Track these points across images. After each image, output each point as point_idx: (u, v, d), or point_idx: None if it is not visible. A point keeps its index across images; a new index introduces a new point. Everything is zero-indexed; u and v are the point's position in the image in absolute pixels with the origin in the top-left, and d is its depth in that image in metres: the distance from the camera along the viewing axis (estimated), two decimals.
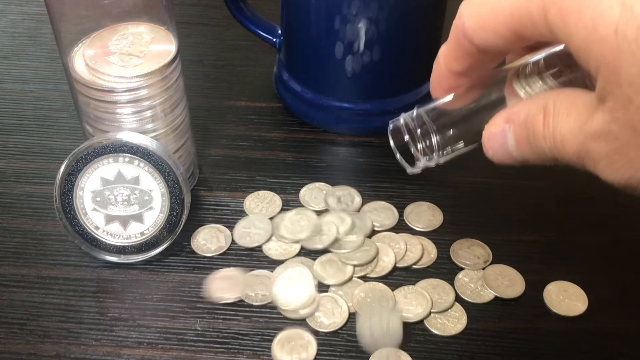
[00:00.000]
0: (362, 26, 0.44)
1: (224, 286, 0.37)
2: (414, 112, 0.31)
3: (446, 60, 0.27)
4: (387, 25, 0.44)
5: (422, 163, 0.31)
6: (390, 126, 0.32)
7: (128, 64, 0.38)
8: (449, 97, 0.29)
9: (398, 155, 0.32)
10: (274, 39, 0.51)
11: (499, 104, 0.28)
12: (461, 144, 0.30)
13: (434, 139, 0.30)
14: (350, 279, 0.39)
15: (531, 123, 0.25)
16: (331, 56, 0.46)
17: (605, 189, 0.46)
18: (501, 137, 0.26)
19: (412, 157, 0.31)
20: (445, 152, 0.30)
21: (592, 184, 0.45)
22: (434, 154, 0.30)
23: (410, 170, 0.32)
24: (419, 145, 0.30)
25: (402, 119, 0.31)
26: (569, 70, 0.26)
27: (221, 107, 0.52)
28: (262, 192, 0.44)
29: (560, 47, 0.26)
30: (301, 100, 0.49)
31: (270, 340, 0.36)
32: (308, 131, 0.50)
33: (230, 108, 0.52)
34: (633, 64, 0.20)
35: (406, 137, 0.31)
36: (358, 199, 0.44)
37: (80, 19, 0.39)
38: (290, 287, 0.38)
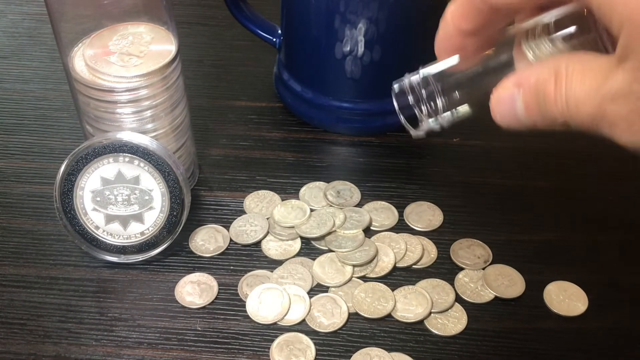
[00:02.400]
0: (362, 26, 0.44)
1: None
2: (419, 72, 0.30)
3: (454, 18, 0.27)
4: (387, 25, 0.44)
5: (426, 126, 0.30)
6: (394, 87, 0.31)
7: (128, 64, 0.38)
8: (455, 58, 0.29)
9: (402, 118, 0.31)
10: (274, 39, 0.51)
11: (508, 66, 0.27)
12: (467, 107, 0.29)
13: (439, 101, 0.29)
14: (349, 279, 0.39)
15: (542, 87, 0.24)
16: (331, 56, 0.46)
17: (606, 189, 0.46)
18: (510, 101, 0.25)
19: (416, 119, 0.30)
20: (451, 114, 0.29)
21: (592, 183, 0.45)
22: (439, 116, 0.29)
23: (414, 133, 0.31)
24: (424, 108, 0.29)
25: (407, 80, 0.30)
26: (580, 32, 0.25)
27: (221, 107, 0.52)
28: (262, 192, 0.44)
29: (572, 7, 0.26)
30: (301, 100, 0.49)
31: (271, 341, 0.36)
32: (308, 131, 0.50)
33: (230, 108, 0.52)
34: None
35: (410, 99, 0.30)
36: (357, 194, 0.44)
37: (80, 19, 0.39)
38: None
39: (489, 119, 0.27)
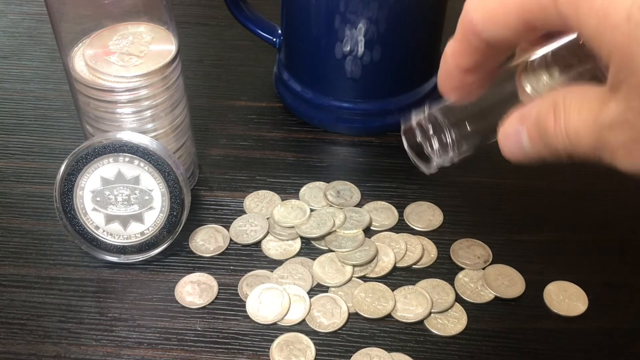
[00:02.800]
0: (362, 26, 0.44)
1: None
2: (426, 111, 0.30)
3: (454, 57, 0.27)
4: (387, 25, 0.44)
5: (437, 162, 0.30)
6: (403, 127, 0.31)
7: (128, 64, 0.38)
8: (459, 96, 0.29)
9: (412, 157, 0.31)
10: (274, 39, 0.51)
11: (512, 98, 0.28)
12: (476, 141, 0.29)
13: (449, 138, 0.29)
14: (349, 279, 0.39)
15: (542, 122, 0.24)
16: (331, 56, 0.46)
17: (605, 189, 0.46)
18: (516, 137, 0.26)
19: (426, 156, 0.30)
20: (460, 150, 0.29)
21: (592, 183, 0.45)
22: (449, 152, 0.29)
23: (426, 170, 0.31)
24: (435, 145, 0.29)
25: (414, 119, 0.30)
26: (579, 62, 0.26)
27: (221, 107, 0.52)
28: (262, 192, 0.44)
29: (570, 37, 0.26)
30: (301, 100, 0.49)
31: (271, 341, 0.36)
32: (308, 131, 0.50)
33: (230, 108, 0.52)
34: None
35: (419, 137, 0.30)
36: (357, 194, 0.44)
37: (81, 19, 0.39)
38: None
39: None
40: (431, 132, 0.29)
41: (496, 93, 0.28)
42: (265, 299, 0.38)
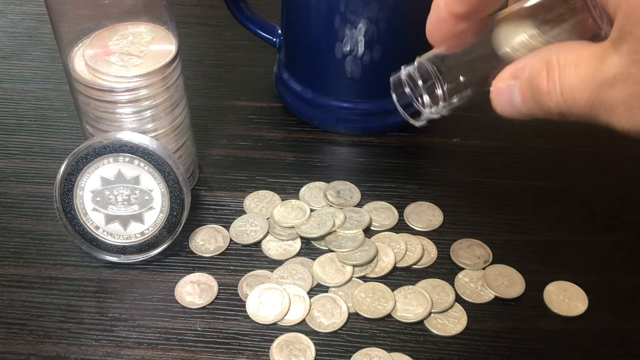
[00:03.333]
0: (361, 26, 0.44)
1: None
2: (416, 61, 0.29)
3: (447, 2, 0.26)
4: (386, 25, 0.44)
5: (426, 115, 0.30)
6: (392, 79, 0.30)
7: (128, 64, 0.38)
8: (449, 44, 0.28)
9: (401, 109, 0.30)
10: (274, 39, 0.51)
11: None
12: (466, 93, 0.29)
13: (439, 89, 0.28)
14: (349, 279, 0.39)
15: (535, 80, 0.24)
16: (331, 56, 0.46)
17: (605, 189, 0.46)
18: (508, 93, 0.25)
19: (416, 110, 0.30)
20: (450, 101, 0.29)
21: (592, 183, 0.45)
22: (440, 104, 0.29)
23: (415, 123, 0.31)
24: (425, 97, 0.29)
25: (403, 70, 0.30)
26: (560, 17, 0.25)
27: (221, 107, 0.52)
28: (262, 192, 0.44)
29: None
30: (301, 100, 0.49)
31: (270, 341, 0.36)
32: (308, 131, 0.50)
33: (230, 108, 0.52)
34: None
35: (408, 90, 0.29)
36: (357, 194, 0.44)
37: (81, 19, 0.39)
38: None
39: (488, 119, 0.27)
40: (421, 82, 0.29)
41: (487, 42, 0.28)
42: (265, 299, 0.38)
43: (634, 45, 0.21)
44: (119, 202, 0.39)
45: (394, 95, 0.30)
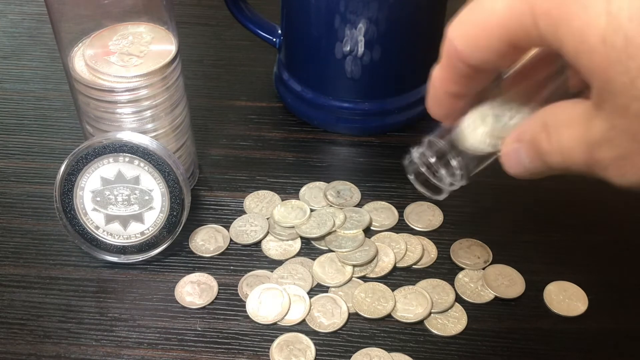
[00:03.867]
0: (362, 26, 0.44)
1: None
2: (425, 141, 0.30)
3: (442, 83, 0.27)
4: (387, 25, 0.44)
5: (447, 188, 0.30)
6: (406, 163, 0.31)
7: (128, 64, 0.38)
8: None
9: (421, 189, 0.31)
10: (274, 39, 0.51)
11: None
12: (481, 160, 0.29)
13: (454, 162, 0.29)
14: (350, 279, 0.39)
15: (537, 142, 0.25)
16: (331, 56, 0.46)
17: (605, 189, 0.46)
18: (515, 156, 0.26)
19: (434, 186, 0.31)
20: (468, 171, 0.30)
21: (592, 184, 0.45)
22: (457, 176, 0.30)
23: (439, 198, 0.31)
24: (442, 172, 0.30)
25: (415, 152, 0.30)
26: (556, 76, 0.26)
27: (221, 107, 0.52)
28: (262, 192, 0.44)
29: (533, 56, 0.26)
30: (301, 100, 0.49)
31: (270, 341, 0.36)
32: (308, 131, 0.50)
33: (230, 108, 0.52)
34: (624, 74, 0.20)
35: (423, 169, 0.30)
36: (357, 194, 0.44)
37: (81, 19, 0.39)
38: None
39: None
40: (434, 160, 0.29)
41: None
42: (265, 299, 0.38)
43: (610, 111, 0.21)
44: (119, 202, 0.39)
45: (410, 177, 0.31)
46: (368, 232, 0.42)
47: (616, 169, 0.23)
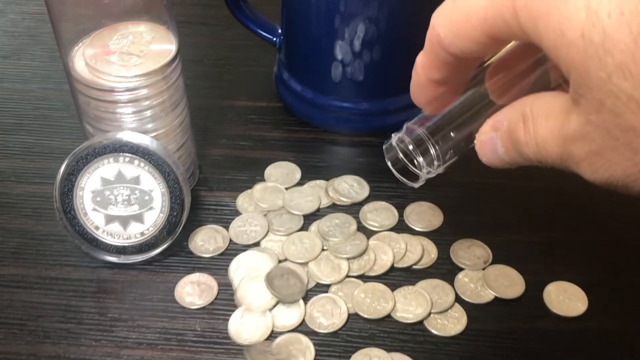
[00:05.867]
0: (362, 26, 0.44)
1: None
2: (404, 127, 0.31)
3: (424, 70, 0.27)
4: (387, 25, 0.44)
5: (423, 176, 0.31)
6: (384, 147, 0.32)
7: (128, 64, 0.38)
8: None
9: (398, 175, 0.32)
10: (274, 39, 0.51)
11: (485, 101, 0.28)
12: (459, 148, 0.30)
13: (432, 149, 0.30)
14: (346, 276, 0.39)
15: (513, 131, 0.25)
16: (331, 56, 0.46)
17: (605, 189, 0.46)
18: (491, 144, 0.26)
19: (411, 172, 0.31)
20: (444, 159, 0.30)
21: (592, 184, 0.45)
22: (434, 163, 0.30)
23: (414, 185, 0.32)
24: (419, 159, 0.30)
25: (394, 137, 0.31)
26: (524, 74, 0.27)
27: (221, 107, 0.52)
28: (253, 190, 0.45)
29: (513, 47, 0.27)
30: (301, 100, 0.49)
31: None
32: (308, 131, 0.50)
33: (231, 108, 0.52)
34: (601, 69, 0.20)
35: (400, 155, 0.31)
36: (365, 192, 0.44)
37: (81, 19, 0.39)
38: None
39: None
40: (412, 147, 0.30)
41: (470, 99, 0.29)
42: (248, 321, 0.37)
43: (586, 106, 0.21)
44: (119, 202, 0.39)
45: (388, 163, 0.32)
46: (368, 232, 0.42)
47: (589, 164, 0.23)
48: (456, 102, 0.29)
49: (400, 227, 0.42)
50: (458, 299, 0.38)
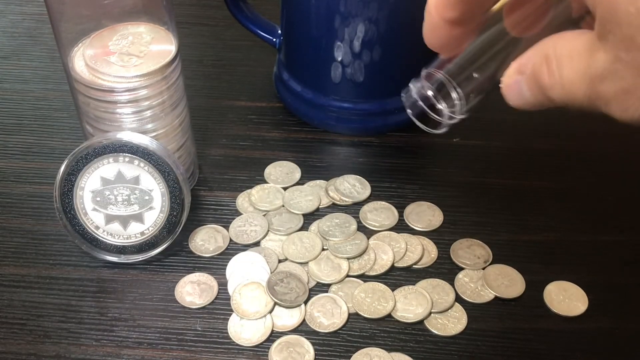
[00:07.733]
0: (362, 26, 0.44)
1: None
2: (423, 73, 0.29)
3: (438, 9, 0.26)
4: (386, 25, 0.44)
5: (446, 121, 0.29)
6: (404, 97, 0.30)
7: (128, 64, 0.38)
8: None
9: (420, 124, 0.30)
10: (274, 39, 0.51)
11: (504, 40, 0.27)
12: (482, 90, 0.28)
13: (453, 92, 0.28)
14: (346, 275, 0.39)
15: (538, 74, 0.24)
16: (331, 56, 0.46)
17: (605, 189, 0.46)
18: (517, 88, 0.25)
19: (433, 120, 0.29)
20: (468, 101, 0.28)
21: (592, 183, 0.45)
22: (457, 106, 0.28)
23: (438, 131, 0.30)
24: (442, 103, 0.28)
25: (413, 85, 0.29)
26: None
27: (221, 107, 0.52)
28: (253, 190, 0.45)
29: None
30: (301, 100, 0.49)
31: (271, 341, 0.36)
32: (308, 131, 0.50)
33: (230, 108, 0.52)
34: (629, 2, 0.19)
35: (420, 103, 0.29)
36: (366, 192, 0.44)
37: (80, 19, 0.39)
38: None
39: (488, 119, 0.26)
40: (432, 93, 0.28)
41: (489, 37, 0.27)
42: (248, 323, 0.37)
43: (615, 43, 0.21)
44: (119, 202, 0.39)
45: (409, 111, 0.30)
46: (368, 232, 0.42)
47: (619, 103, 0.22)
48: (474, 43, 0.28)
49: (400, 226, 0.42)
50: (458, 299, 0.38)
